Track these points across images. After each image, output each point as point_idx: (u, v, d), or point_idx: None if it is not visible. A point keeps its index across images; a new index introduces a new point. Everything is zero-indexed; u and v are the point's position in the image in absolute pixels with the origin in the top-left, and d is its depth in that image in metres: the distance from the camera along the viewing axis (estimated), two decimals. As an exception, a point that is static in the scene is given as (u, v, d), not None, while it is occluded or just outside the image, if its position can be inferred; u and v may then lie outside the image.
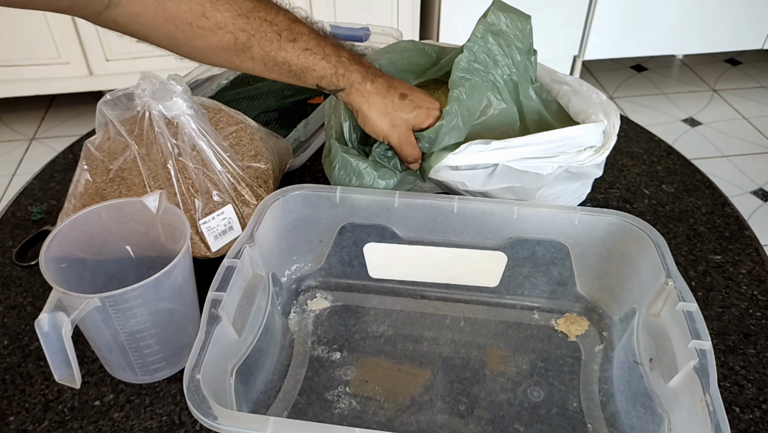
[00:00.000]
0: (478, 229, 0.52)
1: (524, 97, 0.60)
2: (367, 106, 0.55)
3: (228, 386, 0.42)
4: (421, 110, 0.56)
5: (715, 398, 0.37)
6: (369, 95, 0.54)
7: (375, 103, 0.55)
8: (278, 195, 0.52)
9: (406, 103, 0.55)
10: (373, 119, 0.55)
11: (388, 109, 0.55)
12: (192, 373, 0.37)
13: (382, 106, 0.55)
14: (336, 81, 0.53)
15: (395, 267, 0.56)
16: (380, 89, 0.55)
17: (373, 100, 0.54)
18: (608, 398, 0.49)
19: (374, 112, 0.55)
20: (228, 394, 0.42)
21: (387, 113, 0.55)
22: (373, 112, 0.55)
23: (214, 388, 0.39)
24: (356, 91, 0.54)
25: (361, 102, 0.55)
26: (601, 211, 0.51)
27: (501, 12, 0.58)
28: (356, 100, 0.55)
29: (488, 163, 0.54)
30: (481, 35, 0.57)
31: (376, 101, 0.54)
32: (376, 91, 0.54)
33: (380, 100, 0.55)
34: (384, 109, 0.55)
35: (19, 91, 1.87)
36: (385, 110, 0.55)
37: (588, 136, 0.54)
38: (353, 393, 0.49)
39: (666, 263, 0.46)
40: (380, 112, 0.55)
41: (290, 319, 0.55)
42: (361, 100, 0.54)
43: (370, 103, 0.55)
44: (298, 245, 0.55)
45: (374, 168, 0.56)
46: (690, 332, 0.41)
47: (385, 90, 0.55)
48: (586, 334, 0.54)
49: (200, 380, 0.37)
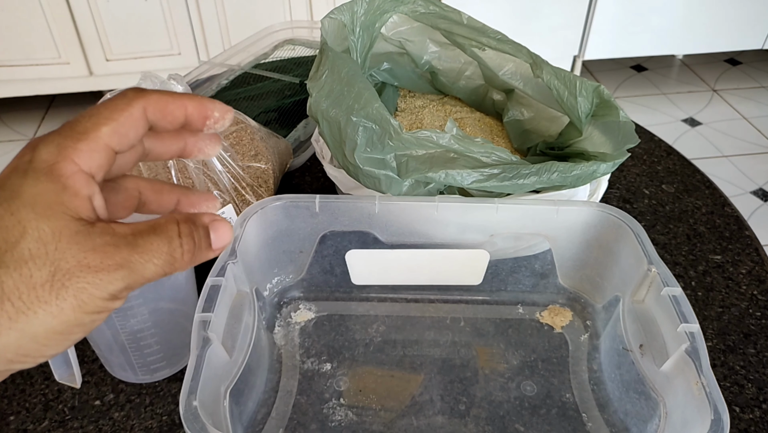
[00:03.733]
0: (460, 228, 0.52)
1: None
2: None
3: (223, 409, 0.41)
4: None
5: (709, 379, 0.38)
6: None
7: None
8: (256, 208, 0.50)
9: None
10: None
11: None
12: (188, 400, 0.36)
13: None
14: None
15: (378, 273, 0.56)
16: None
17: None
18: (599, 386, 0.50)
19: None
20: (224, 417, 0.41)
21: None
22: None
23: (210, 413, 0.38)
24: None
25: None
26: (580, 203, 0.52)
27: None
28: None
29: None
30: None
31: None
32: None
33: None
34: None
35: (19, 91, 1.87)
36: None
37: (579, 193, 0.55)
38: (348, 404, 0.49)
39: (646, 250, 0.46)
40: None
41: (275, 333, 0.54)
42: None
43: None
44: (278, 257, 0.54)
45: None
46: (678, 316, 0.41)
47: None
48: (570, 324, 0.55)
49: (197, 406, 0.36)
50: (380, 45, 0.64)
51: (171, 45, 1.82)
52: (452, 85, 0.67)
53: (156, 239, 0.26)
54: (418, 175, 0.50)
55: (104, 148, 0.26)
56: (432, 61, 0.66)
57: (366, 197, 0.51)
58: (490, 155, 0.51)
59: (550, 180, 0.50)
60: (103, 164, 0.26)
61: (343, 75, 0.51)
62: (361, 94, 0.50)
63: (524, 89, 0.62)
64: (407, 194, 0.51)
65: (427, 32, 0.65)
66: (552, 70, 0.57)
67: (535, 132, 0.64)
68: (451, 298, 0.57)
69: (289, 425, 0.47)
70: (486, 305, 0.57)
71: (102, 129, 0.26)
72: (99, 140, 0.26)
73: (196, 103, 0.28)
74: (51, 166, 0.25)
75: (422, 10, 0.61)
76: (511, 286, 0.57)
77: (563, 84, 0.56)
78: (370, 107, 0.49)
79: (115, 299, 0.25)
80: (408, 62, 0.67)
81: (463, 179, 0.50)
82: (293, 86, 0.79)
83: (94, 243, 0.24)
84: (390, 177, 0.50)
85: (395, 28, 0.64)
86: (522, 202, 0.51)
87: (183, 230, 0.27)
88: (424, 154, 0.51)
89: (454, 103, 0.68)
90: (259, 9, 1.78)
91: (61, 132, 0.25)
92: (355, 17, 0.57)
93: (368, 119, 0.49)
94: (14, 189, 0.24)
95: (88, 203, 0.25)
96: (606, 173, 0.52)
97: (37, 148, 0.25)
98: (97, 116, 0.26)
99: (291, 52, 0.89)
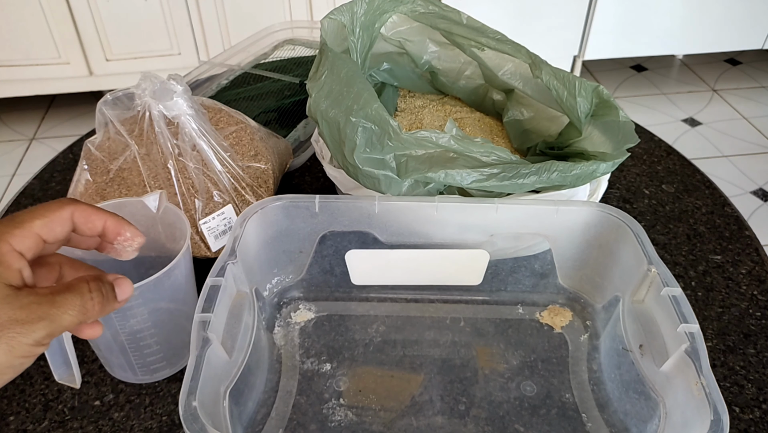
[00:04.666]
0: (460, 228, 0.52)
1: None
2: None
3: (222, 409, 0.41)
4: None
5: (709, 379, 0.38)
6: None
7: None
8: (256, 208, 0.50)
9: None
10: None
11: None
12: (188, 400, 0.36)
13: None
14: None
15: (377, 273, 0.56)
16: None
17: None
18: (599, 386, 0.50)
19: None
20: (223, 418, 0.41)
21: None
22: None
23: (209, 413, 0.38)
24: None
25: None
26: (580, 203, 0.52)
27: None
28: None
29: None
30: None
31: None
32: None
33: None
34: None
35: (19, 91, 1.87)
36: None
37: (579, 193, 0.55)
38: (348, 404, 0.49)
39: (646, 250, 0.46)
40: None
41: (275, 333, 0.54)
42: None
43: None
44: (278, 257, 0.54)
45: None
46: (678, 316, 0.41)
47: None
48: (570, 324, 0.55)
49: (197, 407, 0.36)
50: (380, 45, 0.64)
51: (171, 45, 1.82)
52: (452, 85, 0.67)
53: (70, 296, 0.33)
54: (417, 176, 0.50)
55: (35, 236, 0.34)
56: (432, 61, 0.66)
57: (366, 197, 0.51)
58: (489, 155, 0.51)
59: (550, 180, 0.50)
60: (32, 247, 0.34)
61: (343, 75, 0.51)
62: (360, 94, 0.50)
63: (524, 89, 0.62)
64: (407, 194, 0.51)
65: (426, 32, 0.64)
66: (551, 70, 0.57)
67: (535, 132, 0.64)
68: (451, 298, 0.57)
69: (288, 426, 0.47)
70: (486, 305, 0.57)
71: (35, 222, 0.34)
72: (31, 229, 0.33)
73: (114, 222, 0.37)
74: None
75: (422, 10, 0.61)
76: (511, 286, 0.57)
77: (562, 84, 0.56)
78: (369, 108, 0.49)
79: (39, 344, 0.32)
80: (408, 62, 0.67)
81: (463, 179, 0.50)
82: (293, 86, 0.79)
83: (21, 302, 0.31)
84: (389, 177, 0.50)
85: (395, 28, 0.64)
86: (522, 202, 0.51)
87: (92, 287, 0.34)
88: (424, 154, 0.51)
89: (454, 103, 0.68)
90: (259, 9, 1.78)
91: (3, 221, 0.33)
92: (354, 18, 0.57)
93: (367, 120, 0.49)
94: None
95: (18, 274, 0.32)
96: (606, 173, 0.52)
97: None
98: (33, 212, 0.34)
99: (291, 52, 0.89)
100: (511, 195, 0.53)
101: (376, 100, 0.50)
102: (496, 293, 0.57)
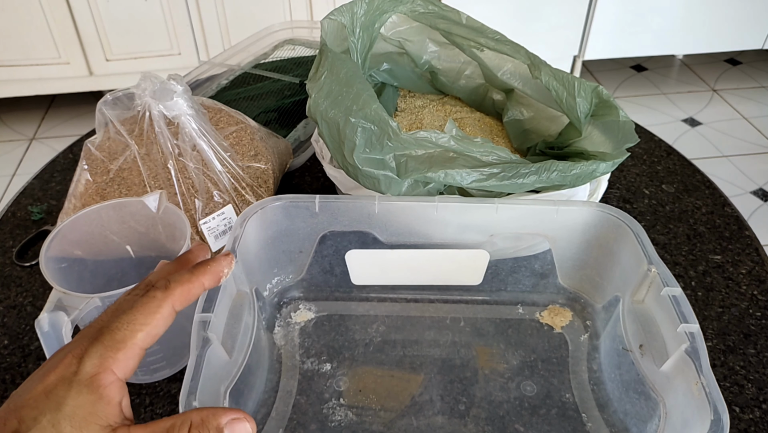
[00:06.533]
0: (460, 228, 0.52)
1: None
2: None
3: None
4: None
5: (709, 379, 0.38)
6: None
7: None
8: (256, 208, 0.50)
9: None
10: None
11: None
12: (188, 400, 0.36)
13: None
14: None
15: (378, 273, 0.56)
16: None
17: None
18: (599, 386, 0.50)
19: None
20: None
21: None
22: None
23: None
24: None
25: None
26: (580, 203, 0.52)
27: None
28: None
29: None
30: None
31: None
32: None
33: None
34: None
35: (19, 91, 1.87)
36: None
37: (579, 193, 0.55)
38: (348, 404, 0.49)
39: (646, 250, 0.46)
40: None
41: (275, 333, 0.54)
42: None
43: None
44: (278, 257, 0.54)
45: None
46: (678, 316, 0.41)
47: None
48: (570, 324, 0.55)
49: (197, 407, 0.36)
50: (380, 45, 0.64)
51: (171, 45, 1.82)
52: (452, 85, 0.67)
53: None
54: (417, 176, 0.50)
55: (139, 352, 0.30)
56: (432, 60, 0.66)
57: (366, 197, 0.51)
58: (489, 155, 0.51)
59: (550, 179, 0.50)
60: (135, 365, 0.31)
61: (342, 76, 0.51)
62: (359, 95, 0.50)
63: (524, 89, 0.62)
64: (407, 194, 0.51)
65: (426, 32, 0.65)
66: (550, 71, 0.57)
67: (535, 132, 0.64)
68: (451, 298, 0.57)
69: (288, 425, 0.47)
70: (486, 305, 0.57)
71: (138, 336, 0.30)
72: (135, 347, 0.30)
73: (212, 275, 0.34)
74: (92, 377, 0.29)
75: (421, 10, 0.61)
76: (511, 286, 0.57)
77: (562, 85, 0.56)
78: (369, 108, 0.49)
79: None
80: (408, 62, 0.67)
81: (463, 179, 0.50)
82: (293, 86, 0.79)
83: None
84: (389, 177, 0.50)
85: (394, 28, 0.64)
86: (522, 202, 0.51)
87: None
88: (424, 154, 0.51)
89: (454, 103, 0.68)
90: (259, 9, 1.78)
91: (102, 341, 0.30)
92: (354, 18, 0.57)
93: (367, 120, 0.49)
94: (59, 400, 0.28)
95: (117, 408, 0.29)
96: (606, 173, 0.52)
97: (82, 360, 0.29)
98: (133, 323, 0.30)
99: (291, 52, 0.89)
100: (511, 195, 0.53)
101: (376, 101, 0.50)
102: (496, 293, 0.57)
